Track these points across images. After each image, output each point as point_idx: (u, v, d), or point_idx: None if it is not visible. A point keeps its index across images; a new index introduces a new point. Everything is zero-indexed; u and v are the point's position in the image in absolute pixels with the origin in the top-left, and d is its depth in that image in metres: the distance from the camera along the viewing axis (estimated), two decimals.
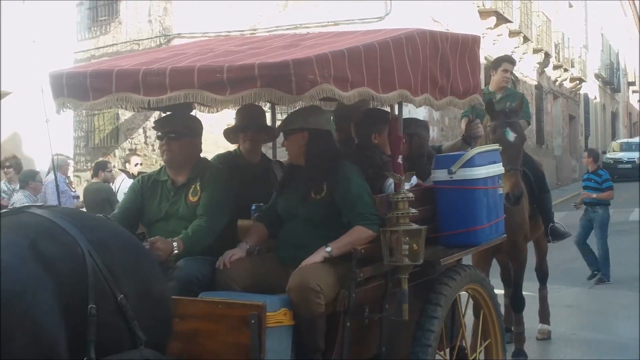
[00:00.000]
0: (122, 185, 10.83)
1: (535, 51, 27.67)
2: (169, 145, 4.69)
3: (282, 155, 5.50)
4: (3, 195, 10.75)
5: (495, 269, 7.49)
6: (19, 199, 10.09)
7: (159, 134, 4.77)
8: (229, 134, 5.38)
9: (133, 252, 3.45)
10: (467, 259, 5.48)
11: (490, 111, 6.46)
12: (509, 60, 8.22)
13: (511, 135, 6.42)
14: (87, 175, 19.70)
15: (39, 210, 3.30)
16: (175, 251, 4.39)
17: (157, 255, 4.24)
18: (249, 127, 5.16)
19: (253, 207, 4.98)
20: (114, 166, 13.04)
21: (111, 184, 11.26)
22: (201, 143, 4.86)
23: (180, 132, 4.69)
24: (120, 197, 9.46)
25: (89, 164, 20.22)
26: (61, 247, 3.12)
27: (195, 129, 4.79)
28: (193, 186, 4.69)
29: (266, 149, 5.54)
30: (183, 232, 4.51)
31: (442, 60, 4.86)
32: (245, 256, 4.47)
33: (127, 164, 11.91)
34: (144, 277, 3.39)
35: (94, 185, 11.39)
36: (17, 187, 10.65)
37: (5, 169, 11.00)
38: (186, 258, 4.41)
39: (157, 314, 3.39)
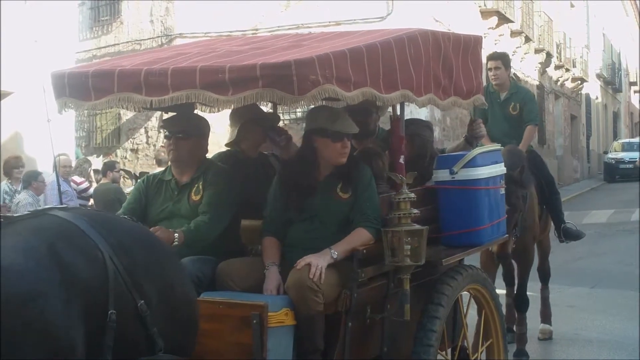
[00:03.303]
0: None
1: (537, 51, 27.67)
2: (176, 145, 4.71)
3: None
4: (5, 196, 10.74)
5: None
6: (23, 198, 10.10)
7: (167, 133, 4.78)
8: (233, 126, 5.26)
9: (155, 254, 3.42)
10: (469, 259, 5.48)
11: None
12: (490, 57, 7.87)
13: None
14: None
15: (61, 212, 3.26)
16: (176, 242, 4.38)
17: None
18: (248, 121, 5.05)
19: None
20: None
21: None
22: (207, 144, 4.86)
23: (188, 131, 4.71)
24: None
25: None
26: (81, 251, 3.09)
27: (202, 130, 4.81)
28: (196, 185, 4.71)
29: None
30: (185, 225, 4.51)
31: (444, 61, 4.86)
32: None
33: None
34: (167, 279, 3.36)
35: (103, 186, 11.38)
36: (19, 187, 10.65)
37: (20, 168, 10.98)
38: (188, 258, 4.41)
39: (180, 316, 3.37)
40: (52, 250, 3.01)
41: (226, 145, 5.26)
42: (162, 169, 5.47)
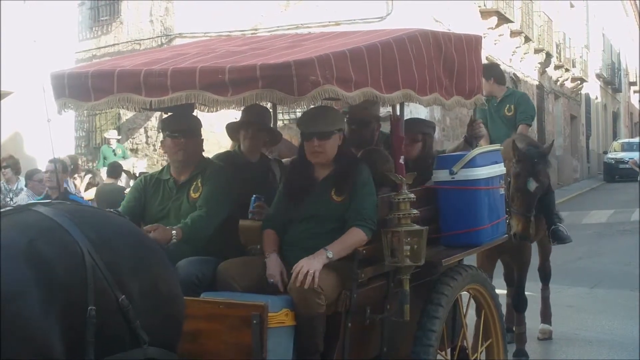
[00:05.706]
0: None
1: (537, 51, 27.65)
2: (176, 145, 4.72)
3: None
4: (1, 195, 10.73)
5: (498, 269, 7.49)
6: (21, 198, 10.09)
7: (167, 133, 4.79)
8: (232, 131, 5.35)
9: (139, 249, 3.40)
10: (469, 260, 5.48)
11: (514, 150, 6.29)
12: None
13: (532, 185, 6.32)
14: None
15: (43, 208, 3.25)
16: (174, 240, 4.38)
17: None
18: (251, 124, 5.15)
19: (253, 197, 4.96)
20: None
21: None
22: (203, 142, 4.87)
23: (184, 131, 4.71)
24: None
25: (90, 164, 20.23)
26: (59, 247, 3.07)
27: (198, 129, 4.81)
28: (195, 183, 4.72)
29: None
30: (182, 221, 4.51)
31: (445, 60, 4.86)
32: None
33: None
34: (150, 275, 3.35)
35: (107, 187, 11.35)
36: (15, 187, 10.64)
37: (3, 170, 10.97)
38: (188, 258, 4.41)
39: (165, 312, 3.36)
40: (32, 248, 2.99)
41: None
42: None
